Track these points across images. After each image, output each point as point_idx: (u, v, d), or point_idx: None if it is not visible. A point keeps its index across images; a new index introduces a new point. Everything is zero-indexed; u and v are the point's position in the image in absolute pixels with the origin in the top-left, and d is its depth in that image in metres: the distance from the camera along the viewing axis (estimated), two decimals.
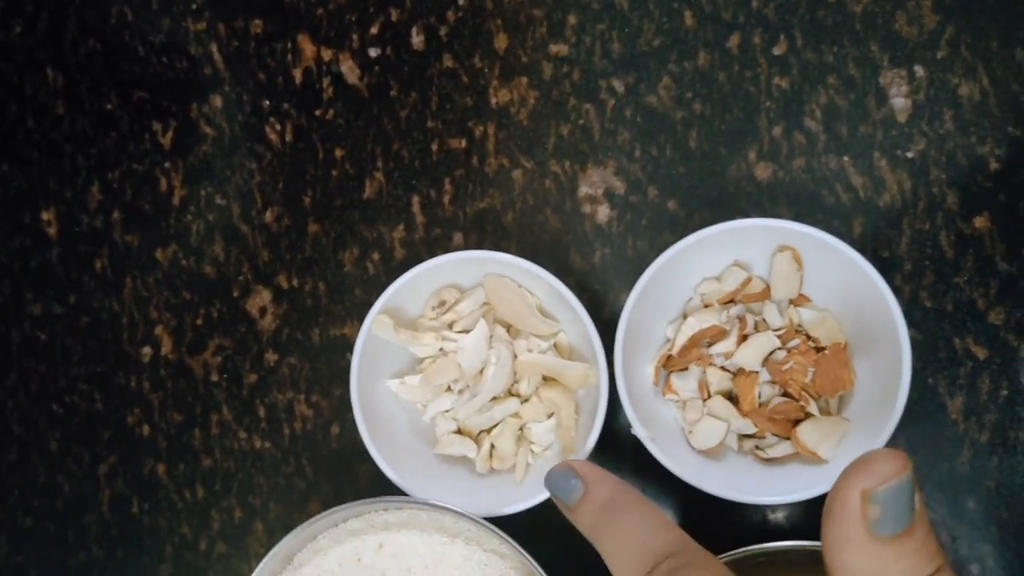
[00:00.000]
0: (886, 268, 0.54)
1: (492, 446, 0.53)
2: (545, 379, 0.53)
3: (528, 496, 0.50)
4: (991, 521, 0.52)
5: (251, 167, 0.61)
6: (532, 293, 0.53)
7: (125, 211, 0.62)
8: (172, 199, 0.62)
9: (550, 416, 0.53)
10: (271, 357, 0.60)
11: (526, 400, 0.53)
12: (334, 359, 0.59)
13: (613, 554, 0.36)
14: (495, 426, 0.54)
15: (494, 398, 0.53)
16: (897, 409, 0.47)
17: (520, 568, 0.50)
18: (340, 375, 0.58)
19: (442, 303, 0.54)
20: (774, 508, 0.54)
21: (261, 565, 0.50)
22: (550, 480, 0.40)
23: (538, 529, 0.51)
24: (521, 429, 0.53)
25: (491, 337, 0.53)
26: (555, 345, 0.54)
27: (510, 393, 0.54)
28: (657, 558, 0.34)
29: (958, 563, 0.51)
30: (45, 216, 0.63)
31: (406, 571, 0.50)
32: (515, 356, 0.53)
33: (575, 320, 0.51)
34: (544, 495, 0.50)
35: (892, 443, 0.51)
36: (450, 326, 0.54)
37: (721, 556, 0.48)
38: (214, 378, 0.60)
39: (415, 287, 0.53)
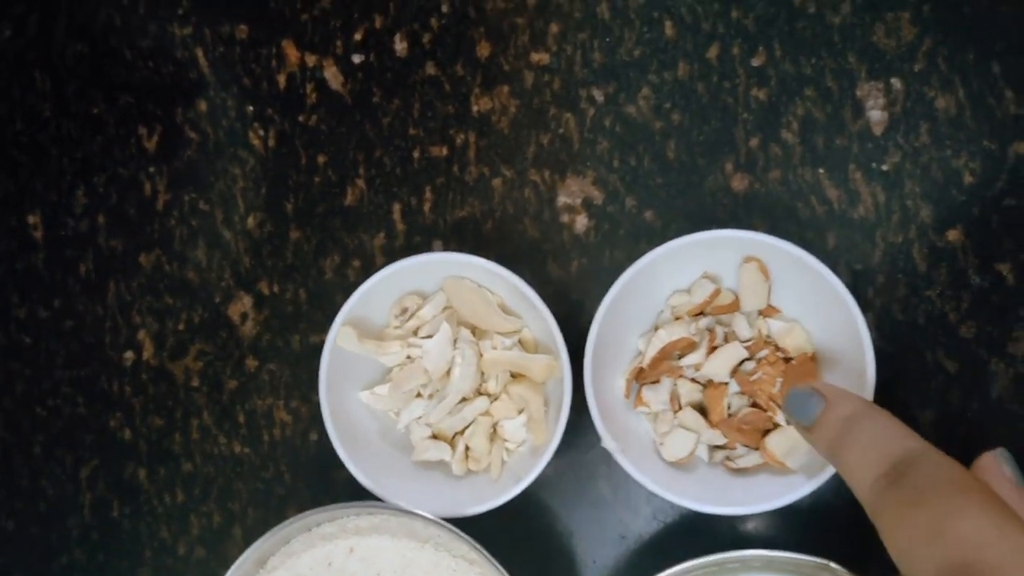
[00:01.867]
0: (859, 281, 0.57)
1: (467, 447, 0.57)
2: (513, 376, 0.57)
3: (504, 492, 0.54)
4: None
5: (234, 172, 0.65)
6: (493, 292, 0.57)
7: (110, 215, 0.66)
8: (156, 204, 0.66)
9: (520, 412, 0.57)
10: (251, 363, 0.64)
11: (496, 398, 0.57)
12: (314, 366, 0.62)
13: (851, 465, 0.38)
14: (468, 427, 0.57)
15: (464, 399, 0.57)
16: None
17: (489, 573, 0.53)
18: (319, 382, 0.62)
19: (404, 310, 0.58)
20: (744, 518, 0.58)
21: (234, 567, 0.54)
22: (789, 401, 0.43)
23: (508, 536, 0.55)
24: (494, 427, 0.57)
25: (456, 339, 0.57)
26: (520, 341, 0.57)
27: (479, 392, 0.58)
28: (893, 460, 0.37)
29: None
30: (31, 219, 0.67)
31: (375, 575, 0.54)
32: (481, 355, 0.57)
33: (537, 316, 0.55)
34: (520, 487, 0.54)
35: None
36: (415, 333, 0.58)
37: (695, 561, 0.51)
38: (195, 383, 0.64)
39: (377, 297, 0.57)
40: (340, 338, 0.56)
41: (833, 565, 0.49)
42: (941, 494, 0.34)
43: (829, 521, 0.57)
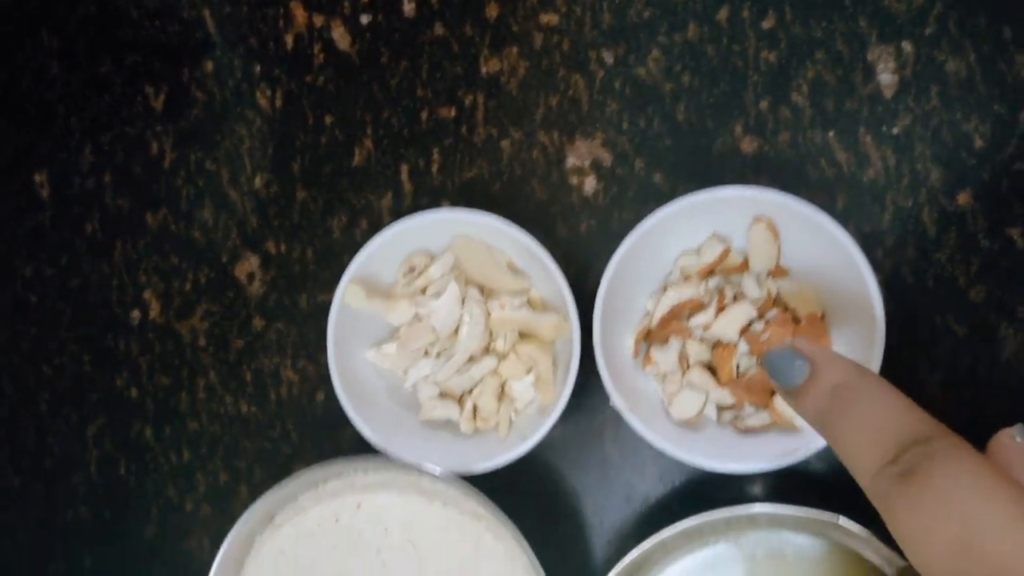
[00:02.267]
0: (868, 243, 0.57)
1: (474, 406, 0.57)
2: (521, 335, 0.57)
3: (512, 450, 0.55)
4: None
5: (241, 132, 0.65)
6: (502, 251, 0.57)
7: (116, 174, 0.66)
8: (163, 163, 0.66)
9: (528, 371, 0.57)
10: (258, 322, 0.64)
11: (504, 357, 0.57)
12: (321, 326, 0.62)
13: (847, 443, 0.34)
14: (476, 386, 0.57)
15: (471, 358, 0.57)
16: None
17: (496, 530, 0.53)
18: (326, 341, 0.62)
19: (412, 269, 0.58)
20: (751, 480, 0.58)
21: (239, 522, 0.54)
22: (769, 361, 0.39)
23: (515, 498, 0.55)
24: (502, 387, 0.57)
25: (464, 298, 0.57)
26: (528, 301, 0.57)
27: (487, 351, 0.57)
28: (900, 445, 0.32)
29: None
30: (38, 178, 0.67)
31: (383, 531, 0.54)
32: (488, 314, 0.57)
33: (546, 276, 0.55)
34: (528, 445, 0.54)
35: None
36: (423, 291, 0.58)
37: (702, 517, 0.52)
38: (201, 342, 0.64)
39: (385, 255, 0.57)
40: (348, 295, 0.56)
41: (842, 520, 0.49)
42: (968, 499, 0.30)
43: (838, 481, 0.57)
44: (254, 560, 0.55)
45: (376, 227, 0.62)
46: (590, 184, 0.61)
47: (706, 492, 0.58)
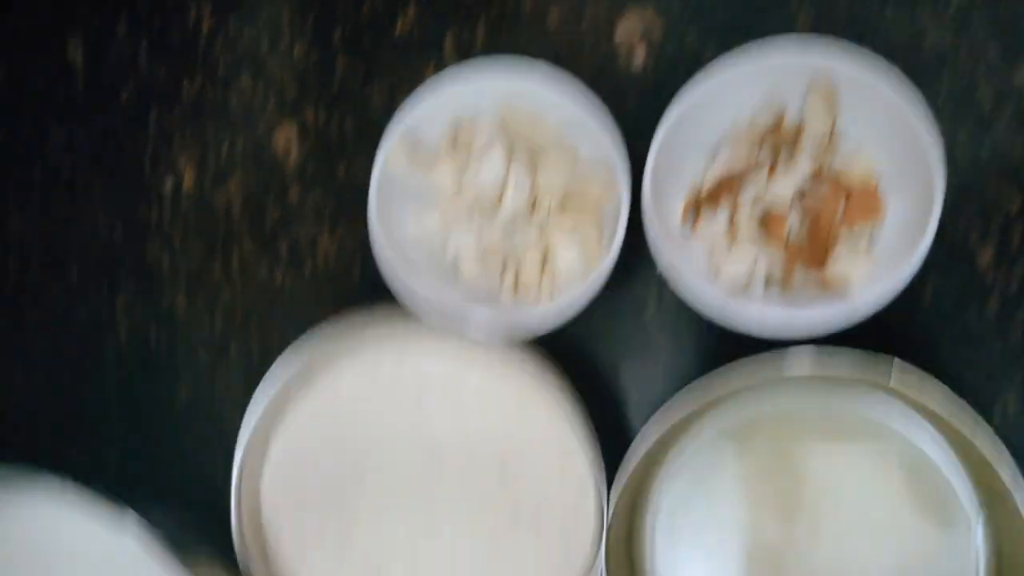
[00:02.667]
0: None
1: (516, 275, 0.56)
2: (566, 202, 0.56)
3: (553, 319, 0.54)
4: (1016, 367, 0.56)
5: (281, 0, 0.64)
6: (549, 115, 0.56)
7: (152, 42, 0.65)
8: (200, 30, 0.64)
9: (574, 238, 0.56)
10: (295, 192, 0.63)
11: (548, 223, 0.56)
12: (359, 197, 0.61)
13: None
14: (518, 254, 0.56)
15: (515, 224, 0.56)
16: (923, 245, 0.50)
17: (533, 394, 0.53)
18: (365, 213, 0.61)
19: (457, 133, 0.57)
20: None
21: (276, 366, 0.53)
22: None
23: (557, 365, 0.54)
24: (545, 254, 0.56)
25: (509, 163, 0.55)
26: (575, 166, 0.56)
27: (532, 215, 0.56)
28: None
29: (980, 407, 0.54)
30: (71, 46, 0.66)
31: (424, 389, 0.54)
32: (534, 178, 0.56)
33: (594, 141, 0.54)
34: (571, 310, 0.53)
35: (920, 288, 0.54)
36: (468, 154, 0.57)
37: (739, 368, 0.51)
38: (236, 212, 0.63)
39: (430, 117, 0.56)
40: (390, 156, 0.55)
41: (896, 364, 0.49)
42: None
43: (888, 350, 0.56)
44: (291, 415, 0.55)
45: None
46: (639, 57, 0.60)
47: None
